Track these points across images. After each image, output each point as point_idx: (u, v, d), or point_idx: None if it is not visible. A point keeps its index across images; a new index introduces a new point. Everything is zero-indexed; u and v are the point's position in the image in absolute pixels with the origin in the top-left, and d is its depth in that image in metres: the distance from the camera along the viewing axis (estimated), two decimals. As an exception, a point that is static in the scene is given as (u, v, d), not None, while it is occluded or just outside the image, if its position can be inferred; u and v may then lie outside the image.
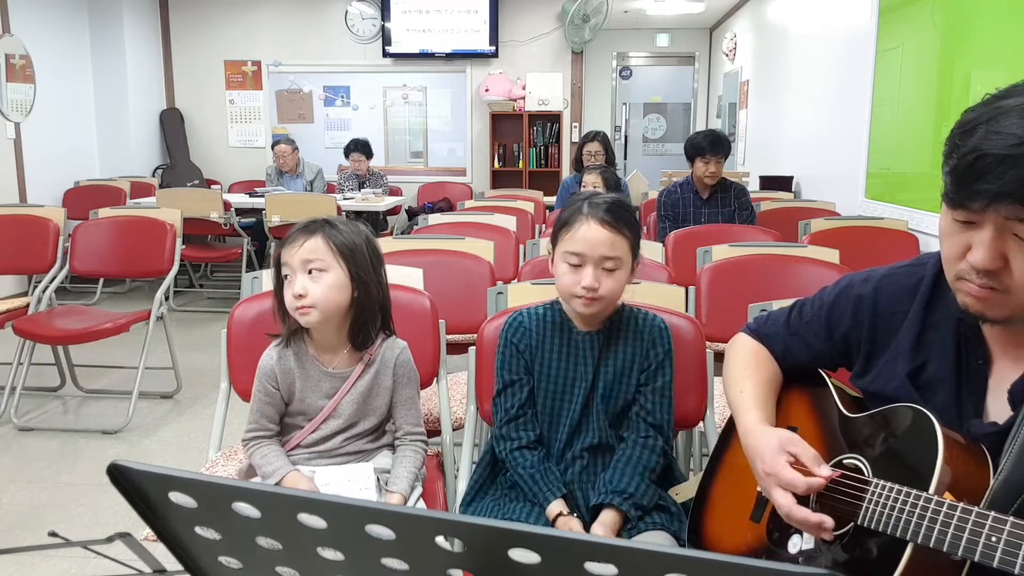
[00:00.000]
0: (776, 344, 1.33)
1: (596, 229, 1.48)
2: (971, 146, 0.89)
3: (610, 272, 1.49)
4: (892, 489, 0.97)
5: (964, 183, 0.90)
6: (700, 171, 3.81)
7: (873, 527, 0.98)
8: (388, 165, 7.94)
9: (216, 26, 7.78)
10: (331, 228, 1.56)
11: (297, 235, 1.56)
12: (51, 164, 6.38)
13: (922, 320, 1.10)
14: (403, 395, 1.68)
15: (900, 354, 1.11)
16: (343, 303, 1.57)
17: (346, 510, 0.53)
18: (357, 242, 1.58)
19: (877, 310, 1.17)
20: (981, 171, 0.88)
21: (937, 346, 1.08)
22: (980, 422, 1.02)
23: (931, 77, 3.36)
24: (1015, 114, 0.88)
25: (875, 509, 0.98)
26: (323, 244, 1.54)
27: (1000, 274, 0.93)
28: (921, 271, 1.13)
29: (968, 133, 0.91)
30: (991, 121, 0.89)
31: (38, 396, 3.84)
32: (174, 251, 3.64)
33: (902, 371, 1.10)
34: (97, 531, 2.58)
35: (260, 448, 1.61)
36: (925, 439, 0.98)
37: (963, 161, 0.90)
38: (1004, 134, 0.87)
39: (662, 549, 0.48)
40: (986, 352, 1.04)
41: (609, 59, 8.78)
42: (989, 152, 0.87)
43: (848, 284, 1.23)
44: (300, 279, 1.53)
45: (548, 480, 1.51)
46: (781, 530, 1.14)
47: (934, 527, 0.89)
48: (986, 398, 1.03)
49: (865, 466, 1.07)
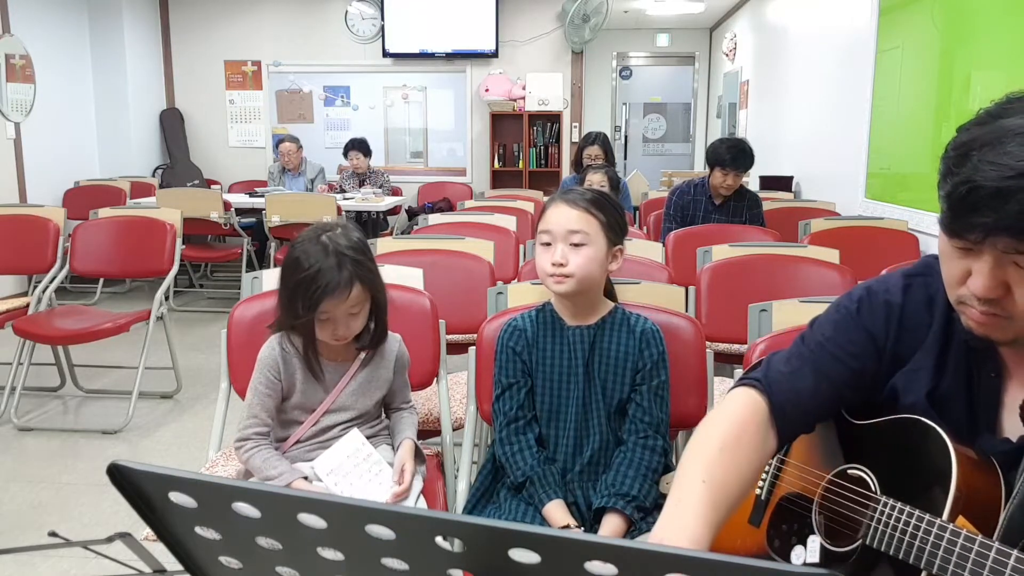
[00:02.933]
0: (782, 386, 1.09)
1: (563, 208, 1.55)
2: (964, 176, 0.85)
3: (577, 247, 1.53)
4: (903, 511, 0.94)
5: (959, 214, 0.86)
6: (717, 180, 3.77)
7: (883, 549, 0.95)
8: (388, 165, 7.94)
9: (216, 26, 7.78)
10: (356, 266, 1.55)
11: (335, 292, 1.53)
12: (51, 164, 6.38)
13: (943, 337, 1.04)
14: (399, 381, 1.78)
15: (922, 369, 1.05)
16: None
17: (346, 510, 0.53)
18: (374, 270, 1.61)
19: (903, 322, 1.08)
20: (975, 204, 0.84)
21: (952, 360, 1.04)
22: (993, 438, 0.99)
23: (931, 77, 3.36)
24: (1010, 141, 0.82)
25: (884, 530, 0.95)
26: (360, 290, 1.57)
27: (1002, 301, 0.89)
28: (933, 283, 1.06)
29: (962, 158, 0.86)
30: (985, 148, 0.84)
31: (38, 396, 3.84)
32: (174, 251, 3.64)
33: (922, 389, 1.04)
34: (97, 531, 2.58)
35: (261, 451, 1.61)
36: (938, 459, 0.94)
37: (956, 191, 0.86)
38: (998, 164, 0.82)
39: (662, 549, 0.48)
40: (999, 365, 1.00)
41: (609, 59, 8.78)
42: (982, 185, 0.83)
43: (868, 290, 1.11)
44: (342, 323, 1.59)
45: (547, 481, 1.52)
46: (782, 538, 1.12)
47: (950, 559, 0.87)
48: (1001, 413, 0.99)
49: (872, 480, 1.03)
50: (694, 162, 9.04)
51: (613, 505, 1.47)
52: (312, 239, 1.57)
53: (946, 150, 0.90)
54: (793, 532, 1.11)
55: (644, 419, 1.55)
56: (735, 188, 3.80)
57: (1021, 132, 0.82)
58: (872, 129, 4.01)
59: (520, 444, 1.56)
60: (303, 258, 1.54)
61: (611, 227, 1.57)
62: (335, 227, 1.60)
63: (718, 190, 3.82)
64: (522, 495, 1.55)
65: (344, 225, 1.63)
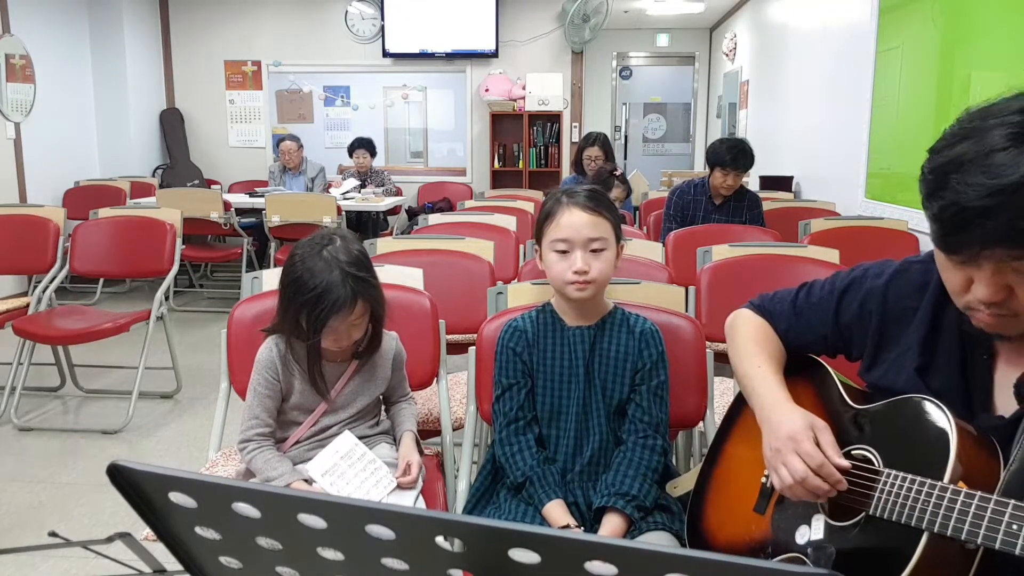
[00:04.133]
0: (780, 322, 1.33)
1: (578, 214, 1.53)
2: (948, 199, 0.90)
3: (597, 253, 1.53)
4: (905, 479, 0.98)
5: (951, 233, 0.92)
6: (717, 181, 3.77)
7: (886, 517, 0.99)
8: (388, 165, 7.94)
9: (216, 26, 7.78)
10: (359, 283, 1.56)
11: (340, 312, 1.54)
12: (51, 164, 6.38)
13: (931, 318, 1.12)
14: (397, 377, 1.80)
15: (909, 349, 1.13)
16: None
17: (346, 510, 0.53)
18: (376, 284, 1.62)
19: (887, 305, 1.18)
20: (965, 223, 0.90)
21: (944, 343, 1.10)
22: (989, 415, 1.04)
23: (931, 77, 3.36)
24: (982, 162, 0.88)
25: (887, 499, 0.99)
26: (362, 309, 1.58)
27: (1007, 301, 0.95)
28: (932, 269, 1.13)
29: (941, 182, 0.92)
30: (962, 170, 0.90)
31: (38, 396, 3.84)
32: (174, 251, 3.64)
33: (911, 366, 1.11)
34: (97, 531, 2.58)
35: (263, 452, 1.62)
36: (937, 429, 0.99)
37: (945, 212, 0.91)
38: (978, 185, 0.88)
39: (662, 549, 0.48)
40: (990, 347, 1.06)
41: (609, 59, 8.78)
42: (968, 205, 0.89)
43: (862, 275, 1.25)
44: (344, 334, 1.60)
45: (547, 481, 1.52)
46: (787, 521, 1.14)
47: (951, 516, 0.91)
48: (993, 392, 1.05)
49: (875, 456, 1.07)
50: (694, 162, 9.04)
51: (613, 505, 1.47)
52: (314, 254, 1.56)
53: (922, 172, 0.96)
54: (798, 515, 1.13)
55: (643, 419, 1.55)
56: (735, 188, 3.80)
57: (986, 152, 0.89)
58: (872, 129, 4.01)
59: (520, 444, 1.56)
60: (307, 277, 1.53)
61: (616, 225, 1.58)
62: (335, 239, 1.60)
63: (718, 190, 3.81)
64: (522, 495, 1.55)
65: (344, 236, 1.63)
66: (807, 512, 1.11)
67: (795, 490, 1.08)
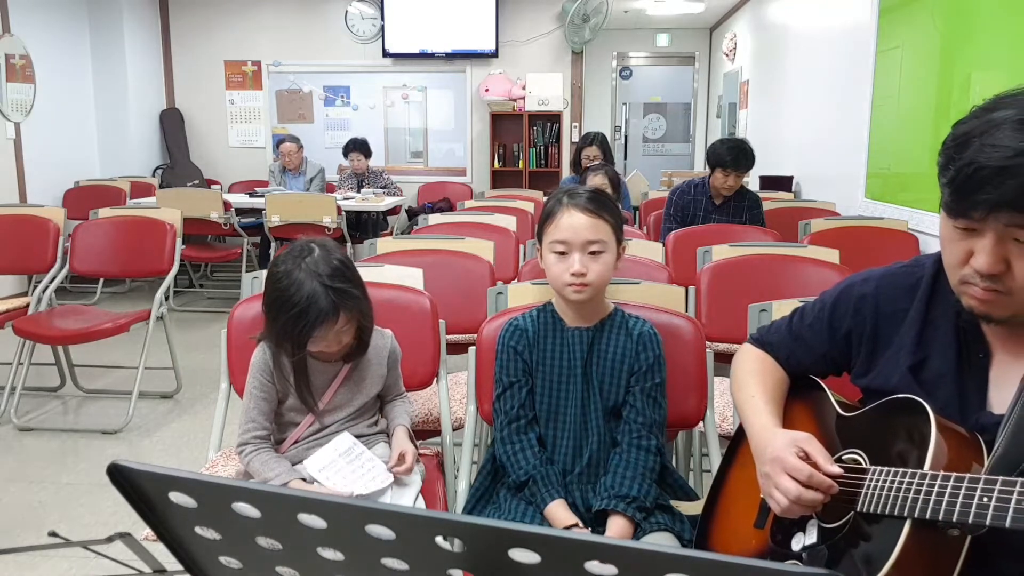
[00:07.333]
0: (780, 351, 1.36)
1: (578, 216, 1.53)
2: (967, 159, 0.93)
3: (596, 256, 1.53)
4: (888, 473, 1.00)
5: (963, 194, 0.95)
6: (718, 181, 3.77)
7: (872, 511, 1.00)
8: (388, 165, 7.94)
9: (216, 26, 7.78)
10: (340, 295, 1.54)
11: (323, 325, 1.53)
12: (51, 164, 6.38)
13: (923, 317, 1.13)
14: (393, 376, 1.80)
15: (902, 349, 1.14)
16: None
17: (346, 510, 0.53)
18: (357, 294, 1.60)
19: (879, 308, 1.20)
20: (979, 182, 0.92)
21: (939, 342, 1.11)
22: (985, 414, 1.04)
23: (931, 77, 3.36)
24: (1008, 127, 0.92)
25: (873, 493, 1.01)
26: (345, 319, 1.57)
27: (1003, 277, 0.97)
28: (920, 271, 1.17)
29: (963, 146, 0.95)
30: (985, 134, 0.93)
31: (38, 396, 3.84)
32: (174, 251, 3.64)
33: (904, 365, 1.13)
34: (97, 531, 2.58)
35: (260, 454, 1.62)
36: (919, 423, 1.01)
37: (961, 173, 0.94)
38: (999, 146, 0.91)
39: (662, 549, 0.48)
40: (986, 346, 1.08)
41: (609, 59, 8.78)
42: (986, 164, 0.92)
43: (849, 284, 1.27)
44: (333, 341, 1.60)
45: (549, 481, 1.51)
46: (784, 531, 1.15)
47: (929, 499, 0.92)
48: (988, 391, 1.06)
49: (863, 458, 1.09)
50: (694, 162, 9.03)
51: (615, 507, 1.47)
52: (293, 268, 1.54)
53: (944, 144, 0.99)
54: (794, 523, 1.14)
55: (637, 420, 1.55)
56: (736, 188, 3.80)
57: (1015, 119, 0.92)
58: (872, 129, 4.01)
59: (522, 443, 1.56)
60: (288, 295, 1.52)
61: (618, 227, 1.57)
62: (313, 249, 1.58)
63: (719, 191, 3.81)
64: (522, 495, 1.55)
65: (323, 244, 1.60)
66: (802, 519, 1.13)
67: (792, 510, 1.09)
